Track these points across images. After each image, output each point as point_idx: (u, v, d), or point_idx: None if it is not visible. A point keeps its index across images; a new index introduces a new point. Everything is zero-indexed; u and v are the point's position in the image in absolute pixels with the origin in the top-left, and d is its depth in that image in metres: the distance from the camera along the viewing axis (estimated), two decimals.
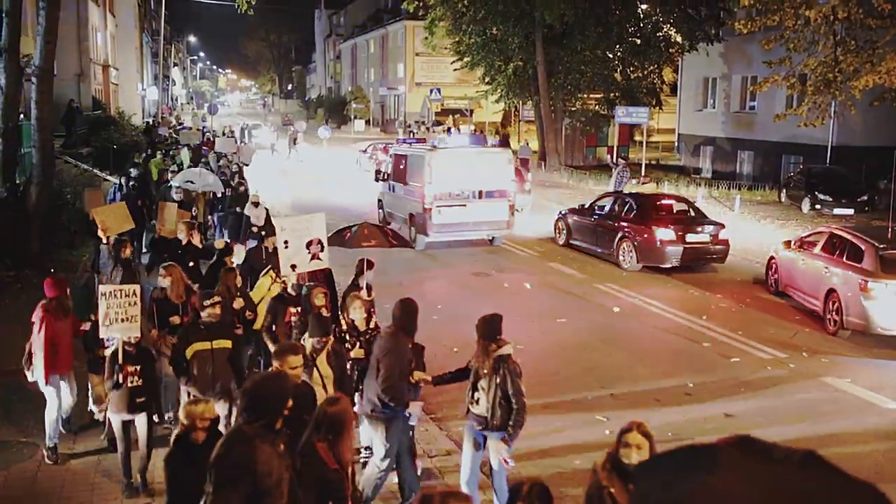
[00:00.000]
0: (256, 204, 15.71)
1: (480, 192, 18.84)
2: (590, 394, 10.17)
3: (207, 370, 7.28)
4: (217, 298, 7.68)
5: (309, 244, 8.26)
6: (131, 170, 21.48)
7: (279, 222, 8.06)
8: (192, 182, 17.11)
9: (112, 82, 45.60)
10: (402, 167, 20.56)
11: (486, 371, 6.60)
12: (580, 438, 8.76)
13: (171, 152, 27.39)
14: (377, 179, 22.81)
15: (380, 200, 22.91)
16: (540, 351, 11.76)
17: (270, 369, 6.33)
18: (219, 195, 18.64)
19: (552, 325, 13.06)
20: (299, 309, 8.39)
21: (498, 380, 6.56)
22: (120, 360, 7.19)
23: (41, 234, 15.57)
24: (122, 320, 7.25)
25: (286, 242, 8.08)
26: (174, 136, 39.24)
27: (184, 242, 11.56)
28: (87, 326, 8.23)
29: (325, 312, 7.68)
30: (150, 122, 45.51)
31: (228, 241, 13.05)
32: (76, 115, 28.61)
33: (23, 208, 15.33)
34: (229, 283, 9.07)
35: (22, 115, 17.79)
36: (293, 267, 8.19)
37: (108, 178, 22.23)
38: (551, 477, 7.43)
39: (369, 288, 9.38)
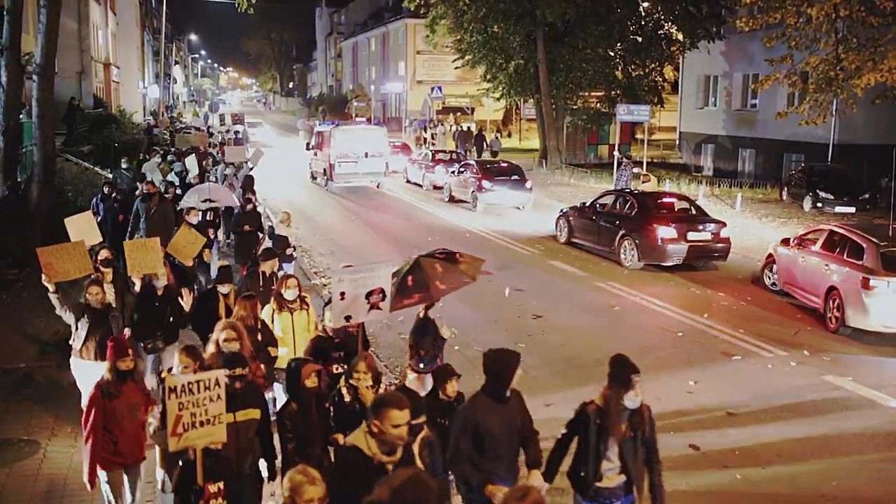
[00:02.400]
0: (288, 225, 14.06)
1: (366, 153, 28.73)
2: (591, 392, 10.16)
3: (230, 452, 5.56)
4: (233, 332, 6.72)
5: (369, 294, 7.10)
6: (117, 172, 19.96)
7: (337, 276, 6.98)
8: (210, 201, 14.57)
9: (113, 80, 45.59)
10: (320, 139, 30.89)
11: (622, 427, 5.34)
12: None
13: (168, 156, 24.95)
14: (307, 149, 33.25)
15: (309, 163, 32.74)
16: (540, 349, 11.75)
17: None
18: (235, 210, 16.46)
19: (552, 324, 13.05)
20: (342, 354, 7.32)
21: (639, 433, 5.43)
22: (199, 479, 5.16)
23: (43, 232, 15.55)
24: (203, 423, 5.13)
25: (342, 294, 7.01)
26: (165, 135, 37.80)
27: (160, 291, 8.92)
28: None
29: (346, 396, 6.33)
30: (151, 121, 45.07)
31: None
32: (77, 113, 28.58)
33: (24, 206, 15.33)
34: (246, 312, 7.88)
35: (23, 114, 17.77)
36: (347, 318, 7.09)
37: (109, 176, 22.17)
38: None
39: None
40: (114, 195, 15.51)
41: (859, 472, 8.19)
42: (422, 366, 8.06)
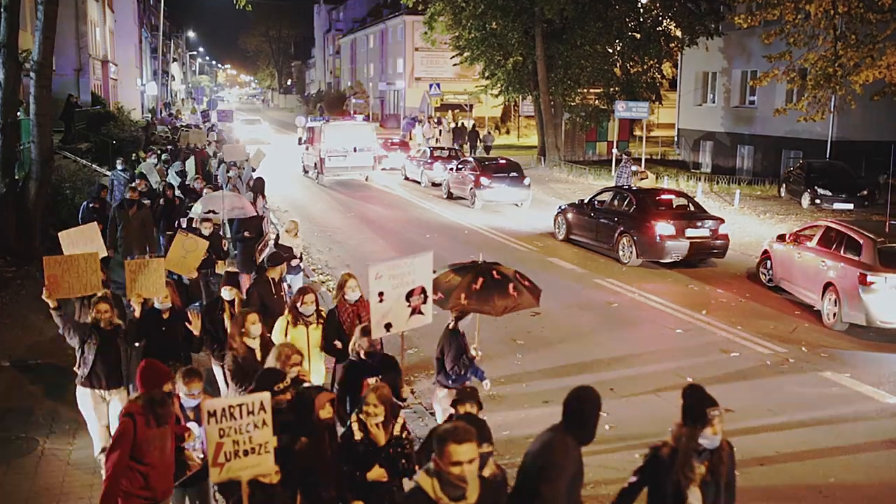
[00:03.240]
0: (296, 232, 12.69)
1: (355, 148, 30.20)
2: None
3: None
4: (298, 356, 6.19)
5: (409, 295, 6.26)
6: (114, 174, 19.26)
7: (375, 269, 6.08)
8: (214, 212, 12.92)
9: (111, 77, 45.49)
10: (311, 135, 32.36)
11: (700, 470, 4.76)
12: None
13: (164, 156, 23.54)
14: (299, 143, 35.32)
15: (301, 158, 33.98)
16: (538, 346, 11.76)
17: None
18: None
19: (551, 320, 13.05)
20: (378, 379, 6.57)
21: (720, 476, 4.82)
22: None
23: (41, 229, 15.56)
24: (247, 453, 4.60)
25: (381, 294, 6.15)
26: (163, 135, 37.17)
27: (165, 313, 7.99)
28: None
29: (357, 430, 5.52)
30: (150, 119, 44.77)
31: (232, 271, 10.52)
32: (75, 110, 28.53)
33: (22, 204, 15.32)
34: (242, 326, 7.26)
35: (21, 111, 17.76)
36: (388, 326, 6.27)
37: (107, 173, 22.12)
38: None
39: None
40: (90, 204, 14.30)
41: (857, 468, 8.20)
42: (450, 382, 7.51)
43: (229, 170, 19.36)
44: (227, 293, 8.39)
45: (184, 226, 13.14)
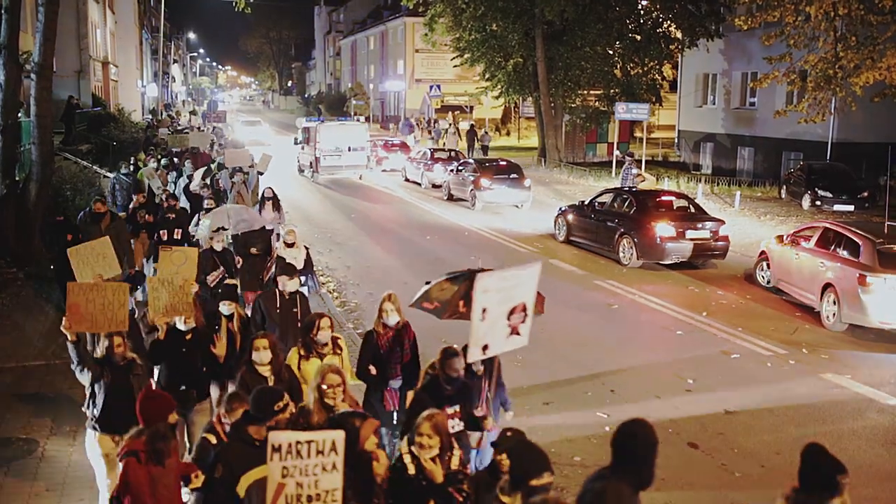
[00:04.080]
0: (292, 244, 11.48)
1: (349, 147, 31.04)
2: (590, 391, 10.18)
3: None
4: (337, 377, 5.54)
5: (511, 312, 5.67)
6: (116, 178, 18.38)
7: (483, 282, 5.44)
8: (224, 228, 11.98)
9: (112, 79, 45.53)
10: (307, 135, 32.89)
11: None
12: (580, 435, 8.76)
13: (163, 161, 22.19)
14: (295, 143, 34.93)
15: (297, 157, 34.23)
16: (539, 348, 11.75)
17: None
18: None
19: (551, 322, 13.04)
20: (458, 409, 6.00)
21: None
22: None
23: (42, 231, 15.54)
24: (311, 499, 4.04)
25: (484, 311, 5.48)
26: (164, 136, 36.41)
27: (188, 335, 7.30)
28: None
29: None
30: (150, 121, 44.44)
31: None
32: (76, 111, 28.55)
33: (23, 205, 15.32)
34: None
35: (21, 112, 17.75)
36: (485, 348, 5.64)
37: (108, 174, 22.11)
38: None
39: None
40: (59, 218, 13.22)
41: (858, 469, 8.19)
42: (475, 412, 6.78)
43: (233, 175, 18.07)
44: (225, 308, 7.70)
45: (164, 238, 12.44)
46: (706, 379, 10.57)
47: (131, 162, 21.23)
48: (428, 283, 6.95)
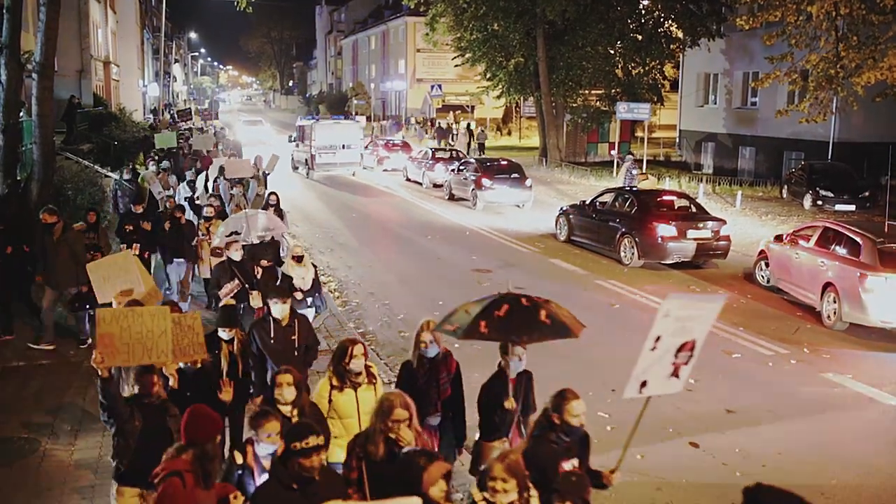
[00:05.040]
0: (300, 258, 10.35)
1: (343, 145, 32.38)
2: (591, 390, 10.17)
3: None
4: (405, 412, 5.03)
5: (680, 349, 5.00)
6: (119, 182, 17.88)
7: (669, 303, 4.86)
8: (237, 233, 10.87)
9: (113, 79, 45.55)
10: (302, 133, 34.06)
11: None
12: None
13: (163, 163, 21.15)
14: (290, 141, 36.24)
15: (291, 155, 35.08)
16: (540, 348, 11.74)
17: None
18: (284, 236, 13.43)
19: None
20: (576, 464, 5.27)
21: None
22: None
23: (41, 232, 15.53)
24: None
25: (658, 340, 4.90)
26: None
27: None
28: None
29: None
30: (152, 121, 44.08)
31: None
32: (77, 111, 28.55)
33: (24, 205, 15.32)
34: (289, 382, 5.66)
35: (23, 112, 17.76)
36: (643, 385, 5.03)
37: (109, 174, 22.10)
38: None
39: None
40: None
41: (859, 469, 8.19)
42: (488, 436, 6.36)
43: (232, 187, 16.86)
44: (224, 333, 6.97)
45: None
46: (707, 378, 10.56)
47: (132, 167, 20.35)
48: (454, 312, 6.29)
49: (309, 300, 9.96)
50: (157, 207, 15.08)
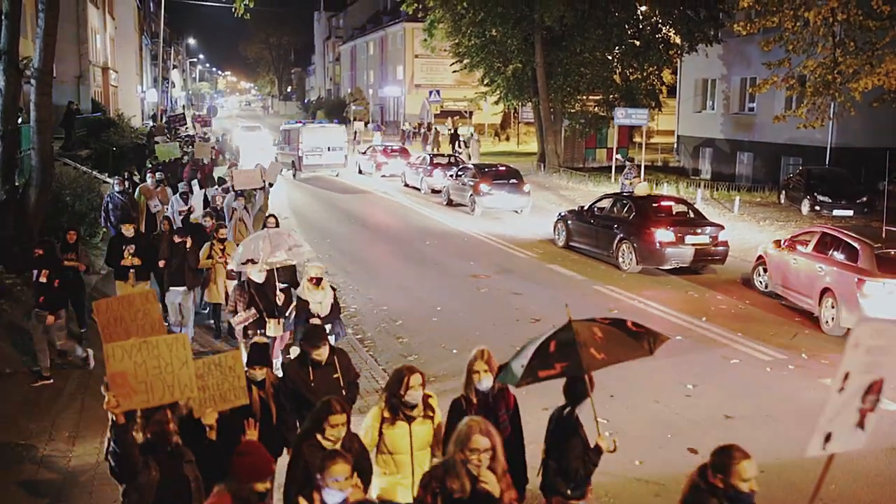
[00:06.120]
0: (319, 281, 9.15)
1: (328, 147, 34.42)
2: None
3: None
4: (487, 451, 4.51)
5: (868, 391, 4.27)
6: (110, 197, 16.44)
7: (865, 328, 4.15)
8: (253, 261, 9.62)
9: (111, 84, 45.58)
10: (288, 136, 36.45)
11: None
12: None
13: (158, 174, 18.94)
14: (273, 144, 38.90)
15: (276, 157, 34.63)
16: None
17: None
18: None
19: (550, 327, 13.03)
20: None
21: None
22: None
23: (41, 236, 15.53)
24: None
25: (846, 378, 4.19)
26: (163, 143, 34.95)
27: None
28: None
29: None
30: (151, 128, 43.82)
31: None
32: (75, 117, 28.56)
33: (22, 211, 15.31)
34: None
35: (21, 118, 17.76)
36: (827, 439, 4.28)
37: (108, 180, 22.08)
38: None
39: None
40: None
41: (857, 475, 8.19)
42: (570, 491, 5.63)
43: (236, 198, 15.65)
44: (258, 373, 6.20)
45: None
46: (706, 384, 10.57)
47: (125, 177, 18.84)
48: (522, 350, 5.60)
49: (328, 327, 8.85)
50: (156, 227, 14.31)
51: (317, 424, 5.01)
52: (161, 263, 11.80)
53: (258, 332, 8.78)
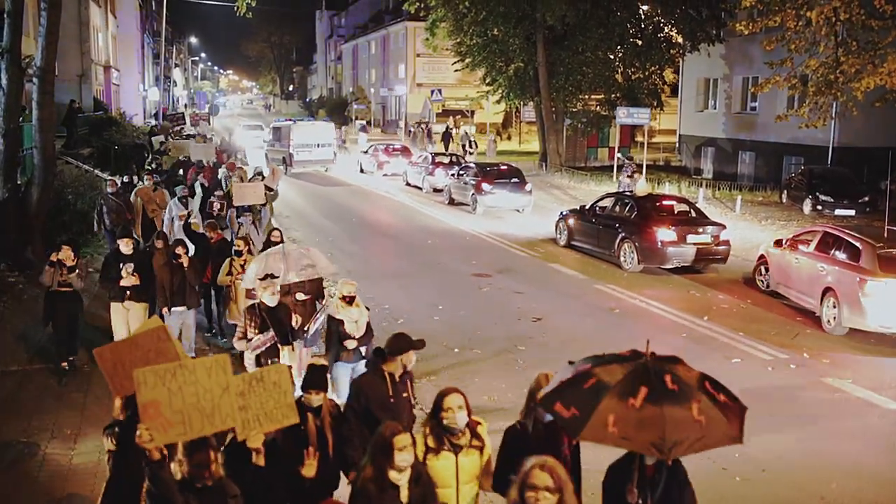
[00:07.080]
0: (351, 299, 8.70)
1: (318, 143, 35.59)
2: None
3: None
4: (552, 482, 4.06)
5: None
6: (102, 200, 15.87)
7: None
8: (273, 276, 8.96)
9: (113, 83, 45.63)
10: (279, 133, 37.52)
11: None
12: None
13: (156, 177, 18.34)
14: (264, 141, 40.24)
15: (266, 154, 37.58)
16: (540, 352, 11.75)
17: None
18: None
19: (552, 327, 13.05)
20: None
21: None
22: None
23: (43, 235, 15.55)
24: None
25: None
26: (162, 146, 33.38)
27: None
28: None
29: None
30: (153, 126, 43.56)
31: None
32: (77, 115, 28.58)
33: (24, 209, 15.33)
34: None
35: (23, 116, 17.78)
36: None
37: (109, 178, 22.08)
38: None
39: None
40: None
41: (859, 474, 8.19)
42: None
43: (239, 216, 14.85)
44: (315, 398, 5.50)
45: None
46: None
47: (122, 179, 17.64)
48: (572, 362, 4.64)
49: (363, 349, 8.26)
50: (155, 230, 13.91)
51: (383, 452, 4.43)
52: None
53: (269, 360, 7.95)
